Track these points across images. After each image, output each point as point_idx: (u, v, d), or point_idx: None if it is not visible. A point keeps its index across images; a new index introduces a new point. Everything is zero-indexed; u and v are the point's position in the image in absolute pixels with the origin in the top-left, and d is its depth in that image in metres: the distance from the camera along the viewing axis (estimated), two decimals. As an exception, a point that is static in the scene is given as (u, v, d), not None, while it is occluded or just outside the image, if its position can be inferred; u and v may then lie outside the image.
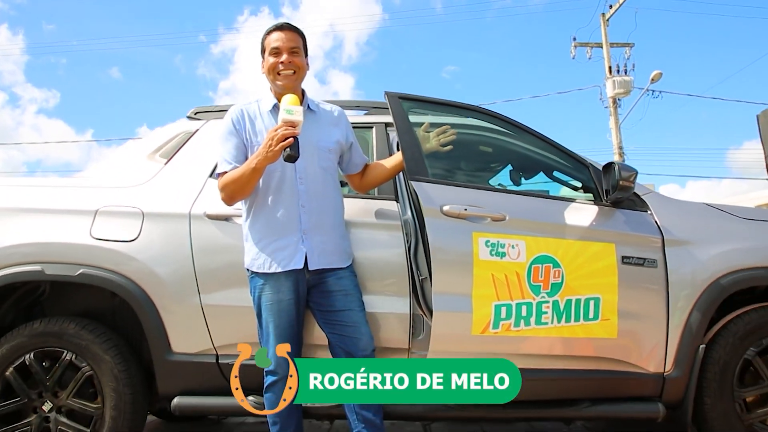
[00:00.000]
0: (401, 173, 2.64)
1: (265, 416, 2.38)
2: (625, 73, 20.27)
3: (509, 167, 3.11)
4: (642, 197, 2.75)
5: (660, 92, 20.11)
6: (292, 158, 2.20)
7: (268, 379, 2.34)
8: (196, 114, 3.10)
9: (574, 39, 21.04)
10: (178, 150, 2.93)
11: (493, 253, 2.37)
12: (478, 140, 2.90)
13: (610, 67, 20.36)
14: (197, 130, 2.99)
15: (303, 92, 2.49)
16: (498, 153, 3.00)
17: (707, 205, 2.86)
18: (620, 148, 20.12)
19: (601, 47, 20.56)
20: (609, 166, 2.60)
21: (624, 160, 20.09)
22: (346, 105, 2.93)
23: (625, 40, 20.77)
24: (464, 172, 2.91)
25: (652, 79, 18.29)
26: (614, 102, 20.25)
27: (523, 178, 3.09)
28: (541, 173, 3.01)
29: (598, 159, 2.79)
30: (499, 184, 3.14)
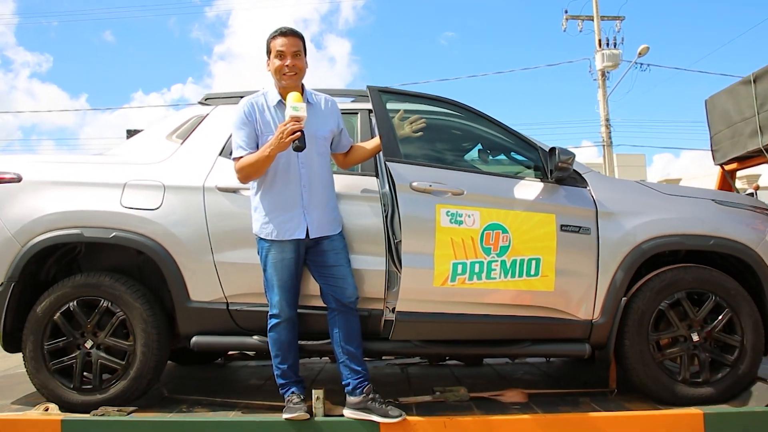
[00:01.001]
0: (379, 154, 3.17)
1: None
2: (615, 46, 20.65)
3: (477, 148, 3.65)
4: (583, 175, 3.30)
5: (648, 65, 20.53)
6: (299, 149, 2.74)
7: (271, 321, 2.91)
8: (206, 100, 3.62)
9: (566, 12, 21.35)
10: (192, 132, 3.45)
11: (452, 221, 2.92)
12: (446, 126, 3.43)
13: (600, 40, 20.72)
14: (207, 114, 3.50)
15: (302, 86, 3.00)
16: (464, 137, 3.53)
17: (637, 182, 3.42)
18: (607, 120, 20.61)
19: (592, 20, 20.89)
20: (552, 150, 3.13)
21: (610, 132, 20.59)
22: (336, 93, 3.45)
23: (615, 13, 21.09)
24: (433, 153, 3.43)
25: (640, 53, 18.70)
26: (603, 75, 20.67)
27: (490, 157, 3.64)
28: (508, 151, 3.56)
29: (585, 131, 3.37)
30: (472, 161, 3.69)
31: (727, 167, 4.93)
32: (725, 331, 3.17)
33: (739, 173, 5.17)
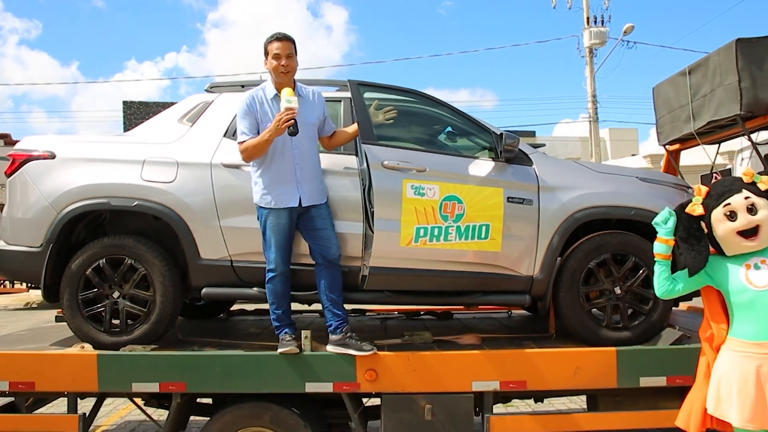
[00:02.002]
0: (358, 137, 3.78)
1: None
2: (603, 24, 21.09)
3: (445, 131, 4.28)
4: (529, 156, 3.93)
5: (635, 43, 21.06)
6: (293, 133, 3.39)
7: (269, 275, 3.56)
8: (211, 88, 4.22)
9: (555, -12, 21.71)
10: (200, 116, 4.05)
11: (416, 193, 3.56)
12: (414, 113, 4.05)
13: (588, 18, 21.15)
14: (213, 101, 4.11)
15: (294, 82, 3.60)
16: (428, 123, 4.15)
17: (574, 162, 4.06)
18: (594, 96, 21.16)
19: (581, -3, 21.28)
20: (501, 134, 3.76)
21: (597, 108, 21.15)
22: (323, 83, 4.06)
23: (604, -10, 21.46)
24: (402, 136, 4.05)
25: (625, 32, 19.21)
26: (590, 52, 21.15)
27: (457, 139, 4.27)
28: (467, 136, 4.18)
29: (572, 107, 4.05)
30: (443, 142, 4.31)
31: (670, 148, 5.57)
32: (643, 286, 3.82)
33: (721, 150, 5.72)
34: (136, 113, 35.80)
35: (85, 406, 3.91)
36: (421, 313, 5.30)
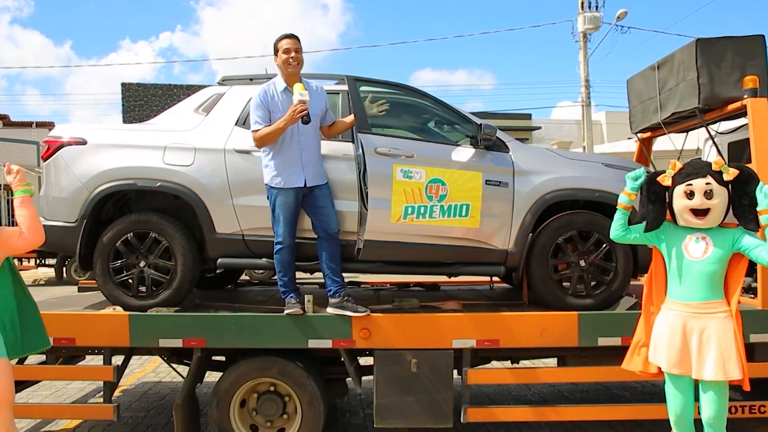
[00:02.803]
0: (354, 127, 4.29)
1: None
2: (597, 8, 21.40)
3: (432, 122, 4.78)
4: (506, 144, 4.44)
5: (628, 28, 21.51)
6: (306, 122, 3.90)
7: (277, 247, 4.08)
8: (224, 81, 4.72)
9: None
10: (213, 106, 4.55)
11: (405, 176, 4.08)
12: (403, 105, 4.55)
13: (582, 3, 21.45)
14: (225, 93, 4.60)
15: (300, 77, 4.09)
16: (417, 114, 4.66)
17: (546, 149, 4.57)
18: (587, 80, 21.54)
19: (576, -18, 21.54)
20: (480, 125, 4.26)
21: (590, 92, 21.55)
22: (324, 77, 4.56)
23: (599, -25, 21.71)
24: (393, 126, 4.57)
25: (618, 17, 19.56)
26: (584, 36, 21.49)
27: (443, 128, 4.78)
28: (451, 126, 4.69)
29: (565, 91, 4.58)
30: (430, 129, 4.82)
31: (642, 136, 6.07)
32: (604, 259, 4.36)
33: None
34: (134, 95, 36.11)
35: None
36: (411, 284, 5.86)
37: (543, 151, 4.57)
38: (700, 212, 3.21)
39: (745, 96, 4.38)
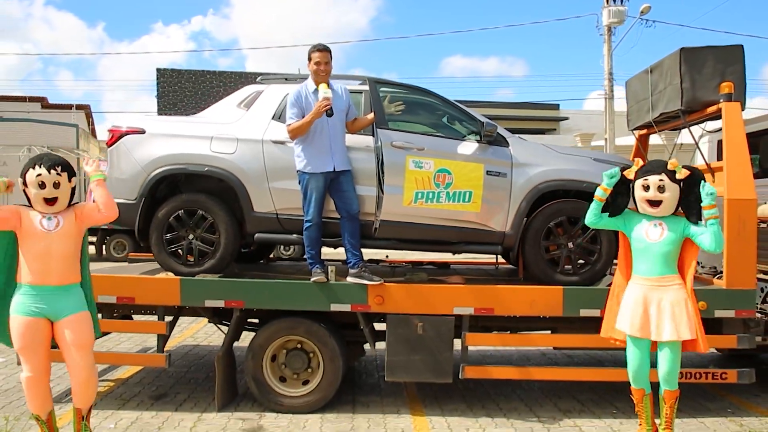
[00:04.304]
0: (374, 123, 4.95)
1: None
2: (621, 2, 21.64)
3: (442, 118, 5.43)
4: (507, 139, 5.07)
5: (653, 22, 21.65)
6: (330, 115, 4.58)
7: (306, 225, 4.78)
8: (262, 80, 5.42)
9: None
10: (253, 102, 5.26)
11: (416, 166, 4.74)
12: (416, 104, 5.21)
13: (608, -4, 21.68)
14: (263, 90, 5.30)
15: (328, 80, 4.77)
16: (428, 113, 5.30)
17: (542, 144, 5.20)
18: (610, 73, 21.83)
19: (601, -23, 21.78)
20: (482, 122, 4.90)
21: (612, 85, 21.85)
22: (349, 78, 5.23)
23: (624, -30, 21.90)
24: (407, 123, 5.22)
25: (642, 12, 19.81)
26: (609, 30, 21.75)
27: (452, 125, 5.42)
28: (458, 123, 5.33)
29: (588, 84, 5.44)
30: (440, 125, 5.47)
31: (638, 133, 6.64)
32: (590, 242, 4.98)
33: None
34: (168, 80, 37.19)
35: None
36: (424, 263, 6.55)
37: (539, 146, 5.19)
38: (654, 203, 3.84)
39: (721, 100, 4.94)
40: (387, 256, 6.92)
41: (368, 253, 5.17)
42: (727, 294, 4.69)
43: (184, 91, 37.05)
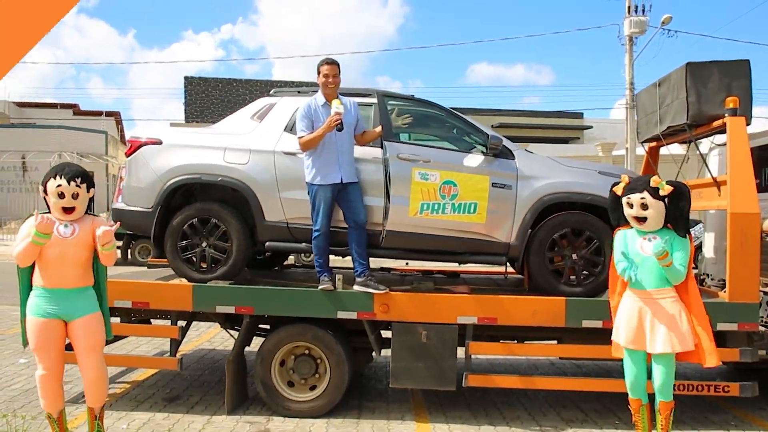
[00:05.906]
0: (382, 135, 5.08)
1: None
2: (644, 12, 21.57)
3: (449, 131, 5.54)
4: (512, 151, 5.17)
5: (675, 32, 21.60)
6: (340, 129, 4.72)
7: (315, 234, 4.92)
8: (275, 93, 5.59)
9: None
10: (266, 115, 5.43)
11: (422, 178, 4.87)
12: (423, 117, 5.34)
13: (629, 6, 21.65)
14: (276, 103, 5.47)
15: (338, 95, 4.91)
16: (435, 126, 5.43)
17: (547, 157, 5.28)
18: (631, 83, 21.75)
19: (623, -14, 21.74)
20: (487, 135, 5.01)
21: (633, 95, 21.77)
22: (360, 92, 5.37)
23: (646, -20, 21.84)
24: (414, 136, 5.35)
25: (663, 23, 19.73)
26: (630, 40, 21.69)
27: (460, 137, 5.53)
28: (464, 135, 5.44)
29: (613, 93, 5.57)
30: (450, 137, 5.59)
31: (648, 146, 6.68)
32: (594, 254, 5.05)
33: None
34: (196, 88, 37.91)
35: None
36: (434, 272, 6.65)
37: (544, 159, 5.28)
38: (639, 219, 3.93)
39: (726, 114, 4.98)
40: (407, 264, 7.02)
41: (384, 262, 5.29)
42: (729, 307, 4.72)
43: (211, 98, 37.78)
